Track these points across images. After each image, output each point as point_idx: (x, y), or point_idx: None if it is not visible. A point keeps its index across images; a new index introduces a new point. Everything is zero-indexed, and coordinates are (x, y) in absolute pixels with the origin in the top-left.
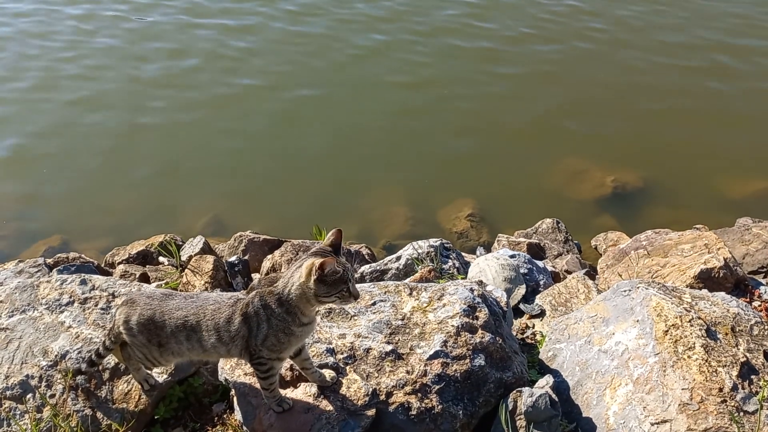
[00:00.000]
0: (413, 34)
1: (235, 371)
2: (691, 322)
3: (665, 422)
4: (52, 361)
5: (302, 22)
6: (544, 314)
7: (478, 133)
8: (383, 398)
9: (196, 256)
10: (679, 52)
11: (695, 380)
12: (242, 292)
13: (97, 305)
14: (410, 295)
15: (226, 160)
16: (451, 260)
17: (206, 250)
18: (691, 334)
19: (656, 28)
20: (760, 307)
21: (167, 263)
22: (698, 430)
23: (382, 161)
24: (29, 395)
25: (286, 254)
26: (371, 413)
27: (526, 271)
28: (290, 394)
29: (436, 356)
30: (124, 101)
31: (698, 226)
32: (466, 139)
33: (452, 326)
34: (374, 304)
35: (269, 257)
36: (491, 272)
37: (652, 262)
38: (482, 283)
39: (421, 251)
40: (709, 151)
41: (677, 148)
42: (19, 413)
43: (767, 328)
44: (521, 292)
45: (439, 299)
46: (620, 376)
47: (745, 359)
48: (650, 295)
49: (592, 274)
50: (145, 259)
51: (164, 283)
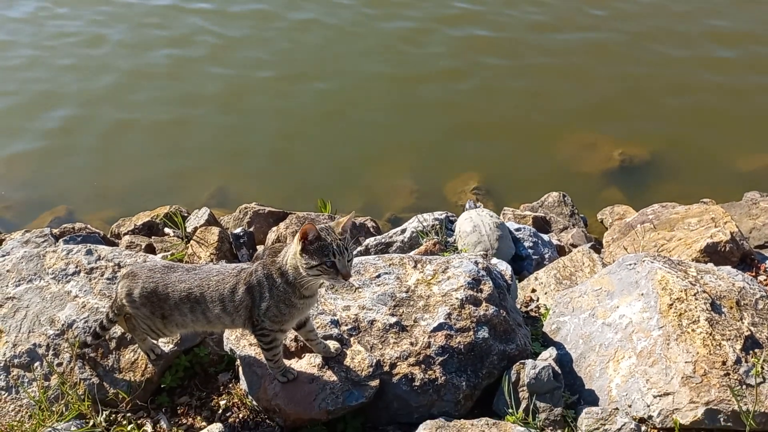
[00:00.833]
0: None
1: (240, 341)
2: (696, 296)
3: (668, 395)
4: (59, 330)
5: (300, 7)
6: None
7: (485, 106)
8: (387, 369)
9: (201, 227)
10: (686, 23)
11: (699, 353)
12: (247, 263)
13: (103, 275)
14: (415, 267)
15: (231, 132)
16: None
17: (211, 221)
18: (695, 307)
19: None
20: (765, 281)
21: (173, 234)
22: (700, 402)
23: (388, 134)
24: (37, 363)
25: (291, 226)
26: (375, 384)
27: (531, 244)
28: (295, 364)
29: (440, 328)
30: (133, 74)
31: (705, 199)
32: (473, 111)
33: (456, 299)
34: (378, 276)
35: (274, 229)
36: (485, 229)
37: (658, 235)
38: (486, 255)
39: (426, 224)
40: (717, 125)
41: (685, 121)
42: (27, 381)
43: None
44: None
45: (443, 272)
46: (624, 349)
47: (749, 333)
48: (655, 268)
49: (597, 247)
50: (150, 230)
51: (170, 254)
